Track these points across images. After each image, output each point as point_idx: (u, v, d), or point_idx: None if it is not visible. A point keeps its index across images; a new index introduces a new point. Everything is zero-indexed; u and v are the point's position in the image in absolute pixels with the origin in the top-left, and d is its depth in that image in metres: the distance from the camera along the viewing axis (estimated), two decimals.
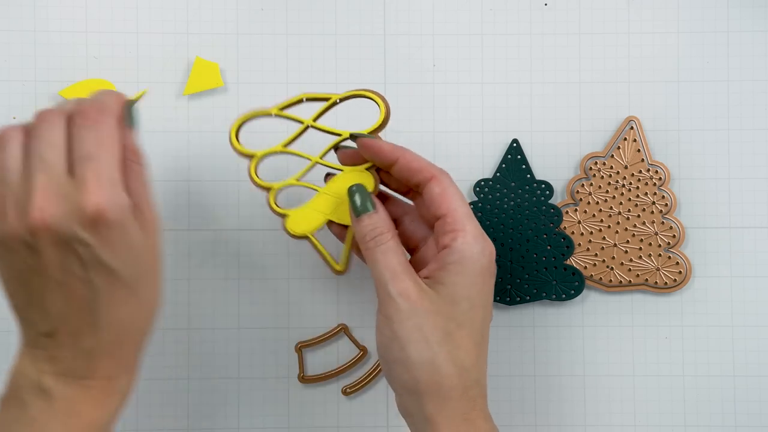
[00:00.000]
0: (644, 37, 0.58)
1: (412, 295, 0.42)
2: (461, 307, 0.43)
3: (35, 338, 0.40)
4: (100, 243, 0.37)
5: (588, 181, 0.57)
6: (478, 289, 0.43)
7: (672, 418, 0.57)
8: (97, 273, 0.38)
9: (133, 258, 0.39)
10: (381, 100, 0.45)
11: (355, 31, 0.58)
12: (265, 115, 0.47)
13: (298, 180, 0.47)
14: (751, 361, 0.57)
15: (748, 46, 0.58)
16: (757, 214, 0.57)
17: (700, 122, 0.58)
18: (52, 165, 0.37)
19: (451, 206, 0.44)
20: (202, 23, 0.58)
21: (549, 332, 0.57)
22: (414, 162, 0.45)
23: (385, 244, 0.43)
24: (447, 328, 0.42)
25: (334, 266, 0.47)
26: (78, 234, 0.37)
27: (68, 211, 0.37)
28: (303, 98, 0.46)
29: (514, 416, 0.57)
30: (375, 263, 0.43)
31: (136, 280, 0.39)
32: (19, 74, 0.57)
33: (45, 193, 0.37)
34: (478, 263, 0.43)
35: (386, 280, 0.42)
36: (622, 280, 0.56)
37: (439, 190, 0.44)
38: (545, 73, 0.58)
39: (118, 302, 0.39)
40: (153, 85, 0.57)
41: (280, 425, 0.57)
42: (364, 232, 0.44)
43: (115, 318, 0.39)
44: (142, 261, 0.39)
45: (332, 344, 0.57)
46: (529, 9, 0.58)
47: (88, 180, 0.37)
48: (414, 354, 0.42)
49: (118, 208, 0.37)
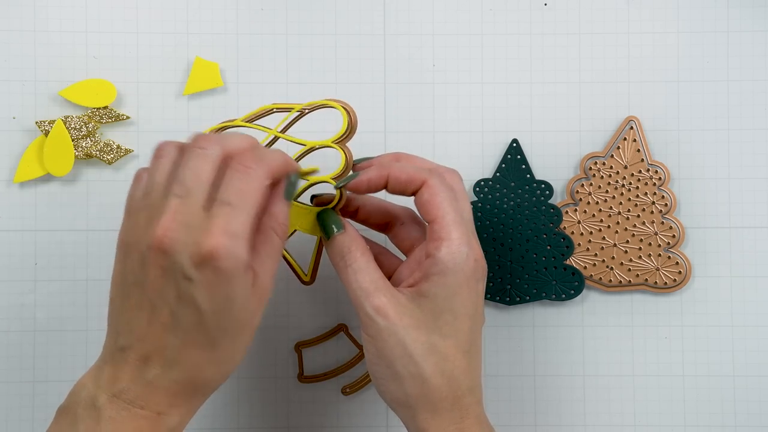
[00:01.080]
0: (644, 36, 0.58)
1: (389, 312, 0.42)
2: (444, 318, 0.42)
3: (111, 351, 0.40)
4: (201, 282, 0.37)
5: (588, 181, 0.57)
6: (463, 299, 0.43)
7: (672, 418, 0.57)
8: (186, 310, 0.38)
9: (226, 311, 0.38)
10: (345, 111, 0.44)
11: (355, 31, 0.58)
12: (233, 125, 0.47)
13: None
14: (751, 361, 0.57)
15: (748, 46, 0.58)
16: (757, 214, 0.57)
17: (700, 122, 0.58)
18: (191, 195, 0.38)
19: (438, 213, 0.43)
20: (202, 23, 0.58)
21: (549, 332, 0.57)
22: (402, 175, 0.44)
23: (356, 263, 0.43)
24: (430, 341, 0.42)
25: (302, 277, 0.48)
26: (185, 267, 0.37)
27: (187, 243, 0.37)
28: (273, 108, 0.46)
29: (514, 416, 0.57)
30: (348, 284, 0.43)
31: (220, 333, 0.39)
32: (19, 74, 0.57)
33: (173, 217, 0.37)
34: (462, 273, 0.42)
35: (361, 299, 0.42)
36: (622, 280, 0.56)
37: (427, 196, 0.43)
38: (545, 73, 0.58)
39: (194, 345, 0.39)
40: (153, 85, 0.57)
41: (280, 425, 0.57)
42: (333, 252, 0.44)
43: (186, 360, 0.39)
44: (234, 318, 0.39)
45: (331, 344, 0.57)
46: (529, 9, 0.58)
47: (217, 222, 0.37)
48: (401, 369, 0.42)
49: (232, 259, 0.37)
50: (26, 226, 0.56)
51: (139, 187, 0.41)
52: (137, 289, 0.39)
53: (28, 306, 0.56)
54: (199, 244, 0.37)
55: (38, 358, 0.56)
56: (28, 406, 0.56)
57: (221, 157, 0.39)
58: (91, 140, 0.56)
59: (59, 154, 0.55)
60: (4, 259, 0.56)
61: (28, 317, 0.56)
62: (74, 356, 0.56)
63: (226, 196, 0.38)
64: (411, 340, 0.42)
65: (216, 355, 0.39)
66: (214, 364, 0.40)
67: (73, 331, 0.56)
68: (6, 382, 0.56)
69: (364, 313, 0.42)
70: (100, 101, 0.56)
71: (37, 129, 0.56)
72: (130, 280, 0.39)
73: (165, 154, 0.40)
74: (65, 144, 0.55)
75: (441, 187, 0.44)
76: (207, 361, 0.39)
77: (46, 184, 0.57)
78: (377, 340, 0.42)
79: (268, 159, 0.40)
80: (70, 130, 0.56)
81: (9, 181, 0.56)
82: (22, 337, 0.56)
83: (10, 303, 0.56)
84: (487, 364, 0.57)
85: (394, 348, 0.42)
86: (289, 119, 0.48)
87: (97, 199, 0.57)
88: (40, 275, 0.56)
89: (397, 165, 0.44)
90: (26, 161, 0.56)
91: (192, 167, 0.39)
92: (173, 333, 0.38)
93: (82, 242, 0.56)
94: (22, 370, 0.56)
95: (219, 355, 0.39)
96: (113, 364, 0.39)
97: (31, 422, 0.56)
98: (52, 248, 0.56)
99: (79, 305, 0.56)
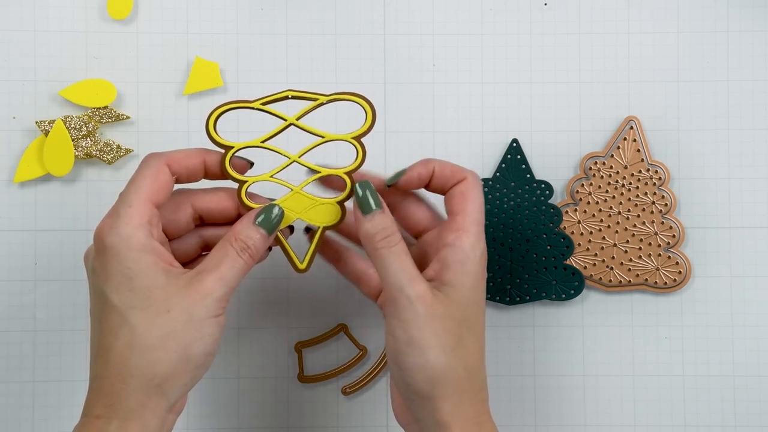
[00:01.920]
0: (644, 36, 0.58)
1: (428, 299, 0.41)
2: (470, 309, 0.43)
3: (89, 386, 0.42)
4: (99, 268, 0.41)
5: (588, 181, 0.57)
6: (481, 291, 0.43)
7: (672, 418, 0.57)
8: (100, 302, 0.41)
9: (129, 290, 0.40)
10: (368, 105, 0.44)
11: (355, 31, 0.58)
12: (247, 107, 0.45)
13: (272, 177, 0.46)
14: (751, 361, 0.57)
15: (748, 46, 0.58)
16: (757, 214, 0.57)
17: (700, 122, 0.58)
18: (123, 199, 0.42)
19: (468, 207, 0.44)
20: (202, 23, 0.58)
21: (549, 332, 0.57)
22: (446, 168, 0.45)
23: (397, 245, 0.42)
24: (459, 333, 0.42)
25: (297, 265, 0.46)
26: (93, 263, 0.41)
27: None
28: (289, 95, 0.45)
29: (514, 416, 0.57)
30: (387, 265, 0.42)
31: (132, 314, 0.40)
32: (19, 74, 0.57)
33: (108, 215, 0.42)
34: (479, 266, 0.43)
35: (402, 283, 0.42)
36: (622, 280, 0.56)
37: (464, 189, 0.44)
38: (545, 73, 0.58)
39: (112, 332, 0.40)
40: (153, 85, 0.57)
41: (280, 425, 0.57)
42: (373, 231, 0.43)
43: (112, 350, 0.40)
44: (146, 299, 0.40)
45: (332, 344, 0.57)
46: (529, 9, 0.58)
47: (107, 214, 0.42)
48: (432, 359, 0.41)
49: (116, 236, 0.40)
50: (26, 226, 0.56)
51: None
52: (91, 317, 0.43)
53: (28, 306, 0.56)
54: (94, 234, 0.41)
55: (38, 358, 0.56)
56: (28, 406, 0.56)
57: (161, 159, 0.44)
58: (91, 140, 0.56)
59: (59, 154, 0.55)
60: (4, 259, 0.56)
61: (28, 317, 0.56)
62: (74, 356, 0.56)
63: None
64: (443, 329, 0.41)
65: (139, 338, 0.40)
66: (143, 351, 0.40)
67: (73, 331, 0.56)
68: (6, 382, 0.56)
69: (405, 296, 0.41)
70: (100, 101, 0.56)
71: (37, 129, 0.56)
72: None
73: None
74: (65, 144, 0.55)
75: (477, 185, 0.45)
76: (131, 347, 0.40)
77: (46, 184, 0.57)
78: (412, 327, 0.41)
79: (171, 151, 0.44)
80: (70, 130, 0.56)
81: (9, 181, 0.56)
82: (22, 337, 0.56)
83: (10, 303, 0.56)
84: (488, 364, 0.57)
85: (428, 337, 0.41)
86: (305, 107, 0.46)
87: (97, 199, 0.57)
88: (40, 275, 0.56)
89: (440, 160, 0.45)
90: (26, 161, 0.56)
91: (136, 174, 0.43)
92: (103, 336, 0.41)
93: (82, 242, 0.56)
94: (22, 370, 0.56)
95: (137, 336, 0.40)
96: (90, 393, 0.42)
97: (31, 422, 0.56)
98: (52, 248, 0.56)
99: (79, 305, 0.56)
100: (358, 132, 0.44)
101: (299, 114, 0.45)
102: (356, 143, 0.44)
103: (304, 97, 0.44)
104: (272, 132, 0.45)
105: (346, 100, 0.44)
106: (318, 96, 0.44)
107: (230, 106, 0.45)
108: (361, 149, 0.44)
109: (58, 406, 0.56)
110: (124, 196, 0.42)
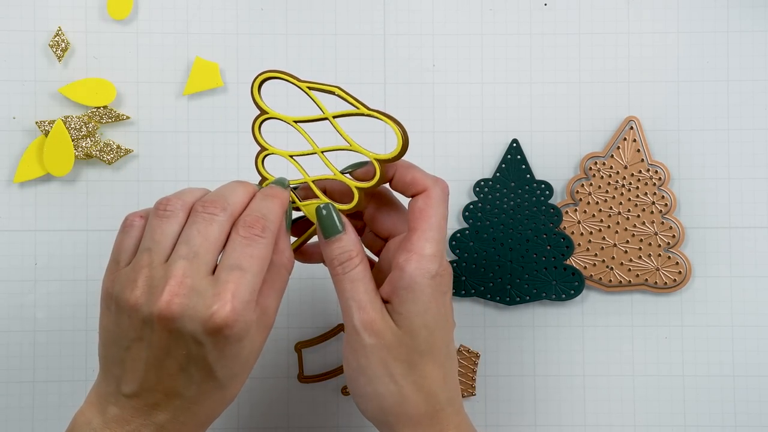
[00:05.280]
0: (644, 37, 0.58)
1: (376, 328, 0.41)
2: (421, 336, 0.42)
3: (114, 393, 0.39)
4: (213, 349, 0.38)
5: (588, 181, 0.57)
6: (433, 314, 0.42)
7: (672, 418, 0.57)
8: (197, 369, 0.38)
9: (235, 362, 0.39)
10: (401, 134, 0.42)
11: (355, 31, 0.58)
12: (294, 83, 0.44)
13: (291, 156, 0.46)
14: (751, 361, 0.57)
15: (748, 46, 0.58)
16: (757, 214, 0.57)
17: (700, 122, 0.58)
18: (198, 259, 0.38)
19: (423, 225, 0.42)
20: (202, 23, 0.58)
21: (549, 332, 0.57)
22: (407, 175, 0.43)
23: (353, 271, 0.42)
24: (410, 360, 0.41)
25: None
26: (197, 333, 0.37)
27: (196, 310, 0.37)
28: (335, 91, 0.43)
29: (514, 416, 0.57)
30: (342, 291, 0.42)
31: (230, 379, 0.40)
32: (19, 74, 0.57)
33: (181, 281, 0.37)
34: (428, 288, 0.41)
35: (353, 311, 0.41)
36: (622, 280, 0.56)
37: (422, 205, 0.42)
38: (545, 73, 0.58)
39: (204, 394, 0.39)
40: (153, 85, 0.57)
41: (280, 425, 0.57)
42: (332, 255, 0.42)
43: (196, 407, 0.39)
44: (243, 364, 0.40)
45: (332, 344, 0.57)
46: (529, 9, 0.58)
47: (227, 290, 0.37)
48: (381, 389, 0.41)
49: (243, 326, 0.38)
50: (26, 226, 0.56)
51: (130, 235, 0.40)
52: (140, 344, 0.38)
53: (28, 306, 0.56)
54: (210, 312, 0.37)
55: (38, 358, 0.56)
56: (28, 406, 0.56)
57: (229, 221, 0.40)
58: (91, 140, 0.56)
59: (59, 154, 0.55)
60: (4, 259, 0.56)
61: (28, 317, 0.56)
62: (74, 356, 0.56)
63: (235, 260, 0.38)
64: (392, 358, 0.41)
65: (225, 395, 0.40)
66: (224, 401, 0.41)
67: (73, 331, 0.56)
68: (6, 382, 0.56)
69: (352, 326, 0.42)
70: (99, 101, 0.56)
71: (37, 129, 0.56)
72: (130, 336, 0.38)
73: (169, 214, 0.40)
74: (65, 144, 0.55)
75: (439, 200, 0.43)
76: (218, 404, 0.40)
77: (46, 184, 0.57)
78: (361, 356, 0.41)
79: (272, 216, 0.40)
80: (70, 130, 0.56)
81: (9, 181, 0.56)
82: (22, 337, 0.56)
83: (10, 303, 0.56)
84: (487, 364, 0.57)
85: (377, 366, 0.41)
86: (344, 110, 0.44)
87: (97, 199, 0.57)
88: (40, 275, 0.56)
89: (406, 164, 0.44)
90: (26, 161, 0.56)
91: (201, 230, 0.39)
92: (183, 386, 0.39)
93: (82, 242, 0.56)
94: (22, 370, 0.56)
95: (227, 394, 0.40)
96: (119, 406, 0.39)
97: (31, 422, 0.56)
98: (52, 248, 0.56)
99: (79, 305, 0.56)
100: (384, 156, 0.43)
101: (338, 113, 0.44)
102: (377, 164, 0.43)
103: (348, 100, 0.43)
104: (307, 117, 0.45)
105: (382, 119, 0.43)
106: (360, 105, 0.43)
107: (278, 75, 0.44)
108: (380, 171, 0.43)
109: (58, 406, 0.56)
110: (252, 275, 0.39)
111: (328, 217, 0.43)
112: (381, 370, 0.41)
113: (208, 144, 0.57)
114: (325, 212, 0.43)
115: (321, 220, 0.43)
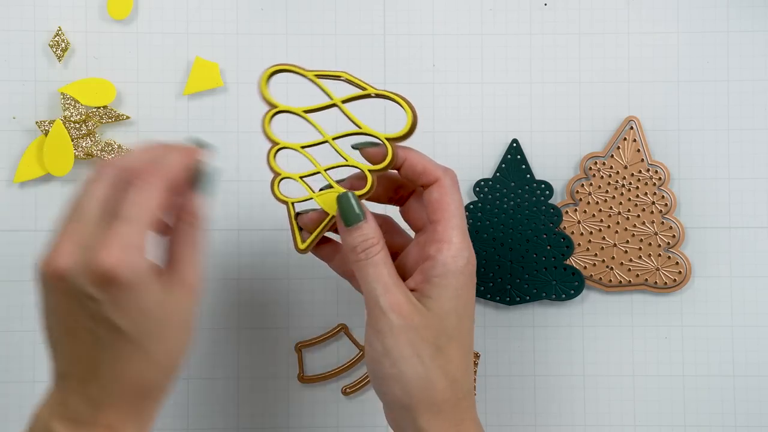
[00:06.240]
0: (644, 37, 0.58)
1: (403, 310, 0.41)
2: (450, 320, 0.42)
3: (54, 378, 0.40)
4: (108, 301, 0.37)
5: (588, 181, 0.57)
6: (464, 301, 0.43)
7: (672, 418, 0.57)
8: (103, 328, 0.38)
9: (144, 318, 0.38)
10: (410, 111, 0.43)
11: (355, 31, 0.58)
12: (301, 73, 0.45)
13: (302, 148, 0.46)
14: (751, 361, 0.57)
15: (748, 46, 0.58)
16: (757, 214, 0.57)
17: (700, 122, 0.58)
18: (84, 216, 0.38)
19: (445, 215, 0.43)
20: (202, 23, 0.58)
21: (549, 332, 0.57)
22: (418, 164, 0.44)
23: (376, 256, 0.42)
24: (438, 343, 0.42)
25: (299, 244, 0.46)
26: (86, 288, 0.37)
27: (83, 265, 0.37)
28: (342, 76, 0.44)
29: (514, 416, 0.57)
30: (365, 276, 0.42)
31: (147, 339, 0.39)
32: (19, 74, 0.57)
33: (66, 243, 0.37)
34: (462, 276, 0.42)
35: (378, 293, 0.42)
36: (622, 280, 0.56)
37: (438, 195, 0.43)
38: (545, 73, 0.58)
39: (123, 358, 0.39)
40: (153, 85, 0.57)
41: (280, 425, 0.57)
42: (354, 243, 0.43)
43: (120, 371, 0.39)
44: (157, 321, 0.39)
45: (332, 344, 0.57)
46: (529, 9, 0.58)
47: (110, 238, 0.37)
48: (407, 370, 0.41)
49: (132, 272, 0.37)
50: (26, 226, 0.56)
51: None
52: (53, 317, 0.39)
53: (28, 306, 0.56)
54: (95, 263, 0.36)
55: (38, 358, 0.56)
56: (28, 406, 0.56)
57: (118, 176, 0.39)
58: (91, 140, 0.56)
59: (59, 154, 0.55)
60: (4, 259, 0.56)
61: (28, 317, 0.56)
62: None
63: (120, 209, 0.38)
64: (420, 339, 0.41)
65: (148, 358, 0.39)
66: (153, 367, 0.40)
67: None
68: (6, 382, 0.56)
69: (379, 307, 0.41)
70: (99, 101, 0.56)
71: (37, 129, 0.56)
72: (44, 311, 0.39)
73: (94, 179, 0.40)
74: (65, 144, 0.55)
75: (453, 188, 0.43)
76: (143, 366, 0.39)
77: (46, 184, 0.57)
78: (386, 337, 0.41)
79: (166, 165, 0.40)
80: (69, 130, 0.56)
81: (9, 181, 0.56)
82: (22, 337, 0.56)
83: (10, 303, 0.56)
84: (487, 364, 0.57)
85: (403, 347, 0.41)
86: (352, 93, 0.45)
87: None
88: None
89: (416, 153, 0.44)
90: (26, 161, 0.56)
91: (86, 190, 0.39)
92: (100, 351, 0.38)
93: None
94: (22, 370, 0.56)
95: (152, 357, 0.39)
96: (58, 390, 0.39)
97: None
98: None
99: None
100: (394, 135, 0.43)
101: (346, 98, 0.44)
102: (388, 144, 0.43)
103: (356, 83, 0.44)
104: (316, 105, 0.45)
105: (391, 99, 0.44)
106: (368, 87, 0.44)
107: (285, 68, 0.45)
108: (392, 151, 0.43)
109: None
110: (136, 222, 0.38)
111: (349, 205, 0.43)
112: (408, 350, 0.41)
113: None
114: (345, 201, 0.43)
115: (342, 208, 0.43)
